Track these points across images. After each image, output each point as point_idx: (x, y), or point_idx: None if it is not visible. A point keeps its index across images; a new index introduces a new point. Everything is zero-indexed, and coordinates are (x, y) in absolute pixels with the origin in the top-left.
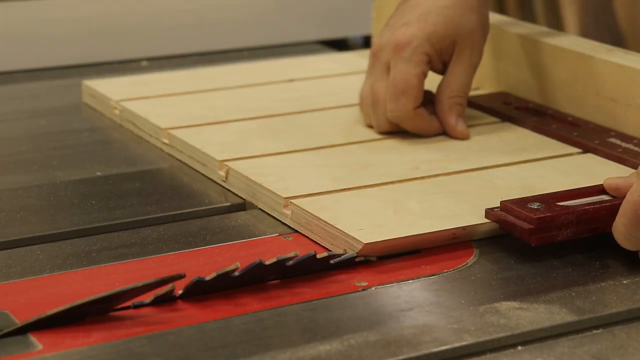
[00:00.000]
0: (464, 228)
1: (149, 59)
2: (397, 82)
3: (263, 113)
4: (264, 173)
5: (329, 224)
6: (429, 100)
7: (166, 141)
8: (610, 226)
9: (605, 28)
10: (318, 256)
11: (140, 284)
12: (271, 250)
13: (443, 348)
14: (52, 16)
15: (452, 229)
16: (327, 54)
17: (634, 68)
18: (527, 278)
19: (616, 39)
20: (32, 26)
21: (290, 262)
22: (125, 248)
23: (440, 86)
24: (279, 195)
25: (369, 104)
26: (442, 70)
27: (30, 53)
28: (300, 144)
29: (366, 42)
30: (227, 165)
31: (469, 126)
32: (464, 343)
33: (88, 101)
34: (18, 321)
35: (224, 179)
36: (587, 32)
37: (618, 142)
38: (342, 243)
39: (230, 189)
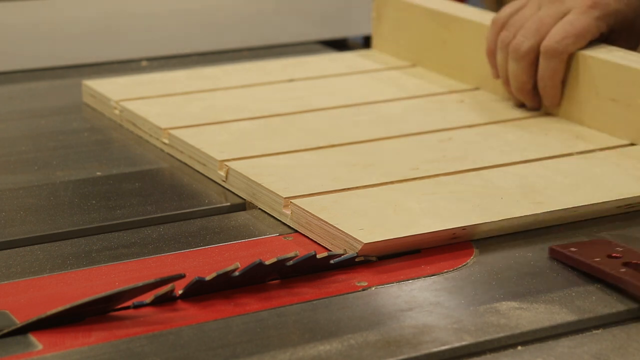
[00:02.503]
0: (463, 228)
1: (149, 59)
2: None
3: (263, 113)
4: (264, 173)
5: (329, 224)
6: None
7: (166, 141)
8: None
9: None
10: (318, 256)
11: (140, 284)
12: (271, 250)
13: (443, 348)
14: (52, 16)
15: (452, 229)
16: (327, 54)
17: (634, 68)
18: (527, 278)
19: None
20: (32, 26)
21: (290, 262)
22: (125, 248)
23: None
24: (279, 195)
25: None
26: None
27: (30, 53)
28: (300, 144)
29: (366, 42)
30: (227, 165)
31: (466, 126)
32: (464, 343)
33: (88, 101)
34: (18, 321)
35: (224, 179)
36: None
37: None
38: (342, 243)
39: (230, 189)
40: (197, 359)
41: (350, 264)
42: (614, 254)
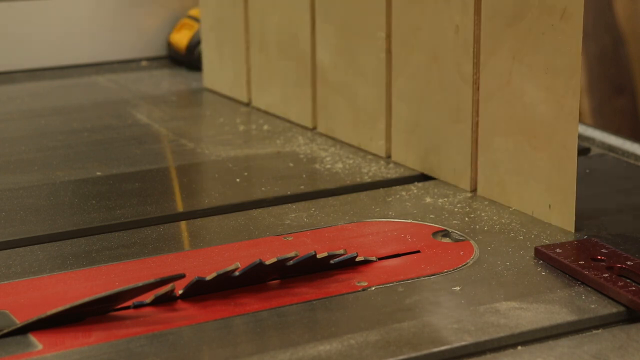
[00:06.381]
0: None
1: (149, 59)
2: None
3: None
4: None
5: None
6: None
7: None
8: None
9: (605, 28)
10: (318, 256)
11: (140, 284)
12: (271, 250)
13: (443, 348)
14: (53, 16)
15: None
16: None
17: None
18: (527, 278)
19: (616, 39)
20: (32, 26)
21: (290, 262)
22: (125, 248)
23: None
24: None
25: None
26: None
27: (30, 53)
28: None
29: None
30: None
31: None
32: (464, 343)
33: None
34: (18, 321)
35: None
36: (587, 31)
37: None
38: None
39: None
40: (197, 359)
41: (350, 264)
42: (598, 257)
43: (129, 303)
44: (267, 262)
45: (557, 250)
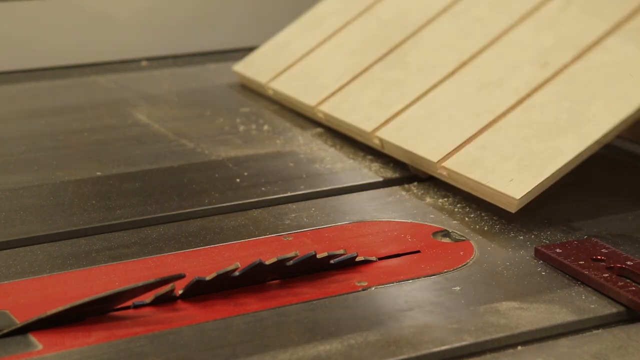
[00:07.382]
0: None
1: (149, 59)
2: None
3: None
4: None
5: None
6: None
7: (322, 116)
8: None
9: None
10: (318, 256)
11: (140, 284)
12: (271, 250)
13: (443, 348)
14: (52, 16)
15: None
16: None
17: None
18: (527, 278)
19: None
20: (32, 26)
21: (290, 262)
22: (124, 248)
23: None
24: (431, 161)
25: None
26: None
27: (30, 53)
28: None
29: None
30: (378, 136)
31: None
32: (464, 343)
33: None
34: (18, 321)
35: (382, 148)
36: None
37: None
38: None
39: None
40: (197, 359)
41: (350, 264)
42: (598, 257)
43: (129, 303)
44: (267, 262)
45: (557, 250)
